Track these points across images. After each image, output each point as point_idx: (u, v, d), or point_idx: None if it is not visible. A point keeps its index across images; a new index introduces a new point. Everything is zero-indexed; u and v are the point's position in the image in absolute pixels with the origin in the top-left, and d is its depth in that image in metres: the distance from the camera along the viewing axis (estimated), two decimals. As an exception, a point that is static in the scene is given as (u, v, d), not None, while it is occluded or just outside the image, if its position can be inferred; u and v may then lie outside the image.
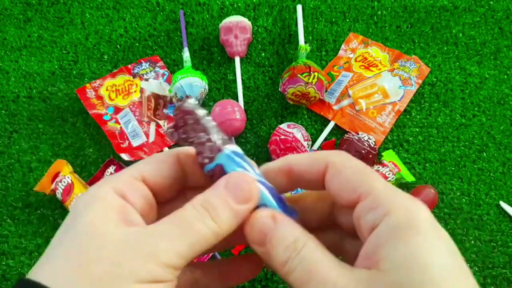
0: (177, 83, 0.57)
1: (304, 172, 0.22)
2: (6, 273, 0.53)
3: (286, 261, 0.19)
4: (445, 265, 0.17)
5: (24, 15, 0.69)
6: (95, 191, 0.20)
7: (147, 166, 0.22)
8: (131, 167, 0.22)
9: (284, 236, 0.19)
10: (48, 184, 0.54)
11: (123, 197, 0.20)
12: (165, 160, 0.22)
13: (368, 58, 0.64)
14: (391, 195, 0.18)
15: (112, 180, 0.20)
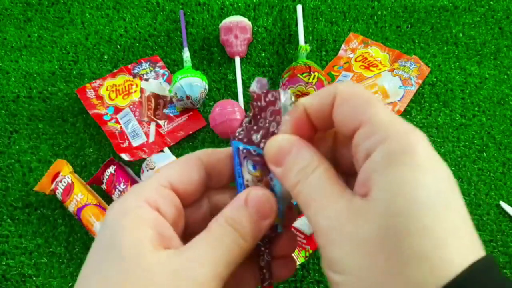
0: (177, 83, 0.57)
1: (318, 111, 0.20)
2: (6, 273, 0.53)
3: (296, 184, 0.19)
4: (436, 193, 0.16)
5: (24, 15, 0.69)
6: (128, 203, 0.20)
7: (173, 172, 0.22)
8: (157, 174, 0.22)
9: (297, 160, 0.20)
10: (48, 184, 0.54)
11: (157, 209, 0.20)
12: (189, 164, 0.22)
13: (368, 58, 0.64)
14: (390, 123, 0.17)
15: (143, 190, 0.20)
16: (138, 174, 0.57)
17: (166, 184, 0.21)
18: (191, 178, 0.22)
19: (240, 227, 0.20)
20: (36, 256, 0.53)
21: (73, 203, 0.52)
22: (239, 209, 0.20)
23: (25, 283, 0.52)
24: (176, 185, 0.21)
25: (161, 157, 0.54)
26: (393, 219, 0.16)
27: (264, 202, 0.21)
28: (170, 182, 0.21)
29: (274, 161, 0.20)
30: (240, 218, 0.20)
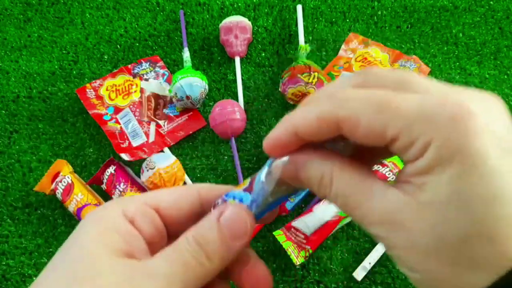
0: (177, 83, 0.57)
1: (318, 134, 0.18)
2: (6, 273, 0.53)
3: (326, 196, 0.18)
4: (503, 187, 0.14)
5: (24, 15, 0.69)
6: (104, 211, 0.19)
7: (163, 196, 0.21)
8: (149, 193, 0.21)
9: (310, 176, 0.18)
10: (48, 184, 0.54)
11: (131, 221, 0.19)
12: (184, 194, 0.21)
13: (368, 58, 0.64)
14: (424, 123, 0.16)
15: (124, 202, 0.20)
16: (138, 174, 0.57)
17: (152, 204, 0.20)
18: (179, 206, 0.21)
19: (207, 245, 0.19)
20: (36, 256, 0.53)
21: (73, 203, 0.52)
22: (210, 226, 0.19)
23: (25, 283, 0.52)
24: (162, 208, 0.21)
25: (161, 157, 0.54)
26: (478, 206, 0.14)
27: (239, 222, 0.19)
28: (156, 204, 0.21)
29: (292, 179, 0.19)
30: (209, 235, 0.19)
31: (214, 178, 0.58)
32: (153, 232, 0.20)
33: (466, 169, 0.14)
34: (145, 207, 0.20)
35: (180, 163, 0.56)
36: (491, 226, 0.14)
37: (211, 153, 0.59)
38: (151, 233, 0.20)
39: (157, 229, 0.20)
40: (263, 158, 0.59)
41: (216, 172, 0.58)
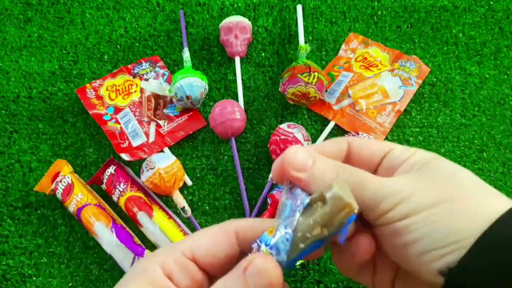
0: (177, 83, 0.57)
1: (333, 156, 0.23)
2: (6, 273, 0.53)
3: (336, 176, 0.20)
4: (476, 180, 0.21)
5: (24, 15, 0.69)
6: (144, 265, 0.20)
7: (200, 243, 0.21)
8: (183, 241, 0.21)
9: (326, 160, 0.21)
10: (48, 184, 0.54)
11: (169, 276, 0.20)
12: (220, 237, 0.21)
13: (368, 58, 0.64)
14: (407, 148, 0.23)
15: (163, 255, 0.20)
16: (138, 174, 0.57)
17: (188, 254, 0.20)
18: (215, 252, 0.21)
19: None
20: (36, 256, 0.53)
21: (73, 203, 0.52)
22: (236, 279, 0.19)
23: (25, 283, 0.52)
24: (199, 257, 0.21)
25: (161, 157, 0.54)
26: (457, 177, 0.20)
27: (267, 274, 0.19)
28: (192, 253, 0.21)
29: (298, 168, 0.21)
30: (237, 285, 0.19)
31: (214, 178, 0.58)
32: (191, 284, 0.20)
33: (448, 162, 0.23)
34: (182, 259, 0.20)
35: (180, 163, 0.56)
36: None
37: (211, 153, 0.59)
38: (189, 285, 0.20)
39: (194, 281, 0.20)
40: (263, 158, 0.59)
41: (216, 172, 0.58)
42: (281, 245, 0.19)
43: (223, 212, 0.56)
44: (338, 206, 0.19)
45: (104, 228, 0.51)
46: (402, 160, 0.22)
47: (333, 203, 0.19)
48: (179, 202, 0.54)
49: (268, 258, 0.19)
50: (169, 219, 0.53)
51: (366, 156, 0.23)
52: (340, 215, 0.19)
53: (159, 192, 0.54)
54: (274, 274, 0.19)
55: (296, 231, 0.19)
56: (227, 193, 0.57)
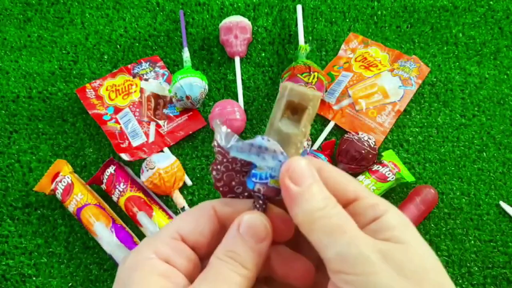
0: (177, 83, 0.57)
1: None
2: (6, 273, 0.53)
3: (323, 208, 0.20)
4: (434, 257, 0.20)
5: (24, 15, 0.69)
6: (139, 257, 0.20)
7: (184, 224, 0.22)
8: (168, 226, 0.22)
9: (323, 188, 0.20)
10: (48, 184, 0.54)
11: (167, 261, 0.20)
12: (200, 215, 0.22)
13: (368, 58, 0.64)
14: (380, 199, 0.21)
15: (153, 243, 0.21)
16: (138, 174, 0.57)
17: (176, 236, 0.21)
18: (201, 230, 0.22)
19: (238, 256, 0.20)
20: (36, 256, 0.53)
21: (73, 203, 0.52)
22: (233, 238, 0.20)
23: (25, 283, 0.52)
24: (186, 237, 0.21)
25: (161, 157, 0.54)
26: (424, 260, 0.19)
27: (257, 226, 0.20)
28: (180, 234, 0.21)
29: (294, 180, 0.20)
30: (236, 247, 0.20)
31: (214, 178, 0.58)
32: (187, 263, 0.21)
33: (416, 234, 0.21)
34: (174, 242, 0.21)
35: (180, 163, 0.56)
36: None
37: (211, 153, 0.59)
38: (187, 267, 0.21)
39: (189, 260, 0.21)
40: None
41: (216, 172, 0.58)
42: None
43: (223, 212, 0.56)
44: (319, 101, 0.22)
45: (104, 228, 0.51)
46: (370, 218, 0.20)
47: (317, 102, 0.22)
48: (179, 202, 0.54)
49: (254, 212, 0.21)
50: (169, 219, 0.53)
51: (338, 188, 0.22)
52: (317, 109, 0.22)
53: (159, 192, 0.54)
54: (266, 221, 0.21)
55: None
56: (227, 193, 0.57)
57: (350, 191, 0.21)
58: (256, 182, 0.21)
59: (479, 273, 0.53)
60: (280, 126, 0.21)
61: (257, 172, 0.21)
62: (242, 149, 0.21)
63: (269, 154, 0.21)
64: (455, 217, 0.55)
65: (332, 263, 0.19)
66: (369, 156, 0.54)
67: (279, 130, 0.21)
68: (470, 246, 0.54)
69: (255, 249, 0.20)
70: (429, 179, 0.58)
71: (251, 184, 0.21)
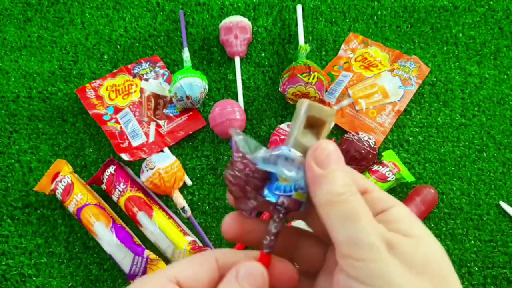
0: (177, 83, 0.57)
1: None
2: (6, 273, 0.53)
3: (344, 193, 0.20)
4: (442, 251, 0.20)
5: (24, 15, 0.69)
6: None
7: (182, 268, 0.22)
8: (169, 267, 0.22)
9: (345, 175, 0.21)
10: (48, 184, 0.54)
11: None
12: (200, 262, 0.22)
13: (368, 58, 0.64)
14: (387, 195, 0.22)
15: (147, 283, 0.21)
16: (138, 174, 0.57)
17: (172, 279, 0.21)
18: (198, 277, 0.22)
19: None
20: (36, 256, 0.53)
21: (73, 203, 0.52)
22: (229, 284, 0.21)
23: (25, 283, 0.52)
24: (183, 282, 0.21)
25: (161, 157, 0.54)
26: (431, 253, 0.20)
27: (254, 273, 0.21)
28: (176, 278, 0.21)
29: (319, 162, 0.21)
30: None
31: (214, 178, 0.58)
32: None
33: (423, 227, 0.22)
34: (167, 284, 0.21)
35: (180, 163, 0.56)
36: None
37: (211, 153, 0.59)
38: None
39: None
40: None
41: (216, 172, 0.58)
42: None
43: (223, 212, 0.56)
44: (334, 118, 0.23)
45: (104, 228, 0.51)
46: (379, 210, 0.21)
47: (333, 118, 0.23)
48: (179, 202, 0.54)
49: (253, 263, 0.21)
50: (169, 219, 0.53)
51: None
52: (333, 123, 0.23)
53: (159, 192, 0.54)
54: (264, 271, 0.21)
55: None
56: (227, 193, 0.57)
57: (361, 184, 0.22)
58: (280, 195, 0.21)
59: (479, 273, 0.53)
60: (301, 140, 0.22)
61: (281, 185, 0.21)
62: (269, 161, 0.21)
63: (295, 166, 0.21)
64: (455, 217, 0.55)
65: (342, 247, 0.19)
66: (369, 156, 0.54)
67: (300, 143, 0.22)
68: (470, 246, 0.54)
69: None
70: (429, 179, 0.58)
71: (274, 197, 0.21)
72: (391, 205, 0.21)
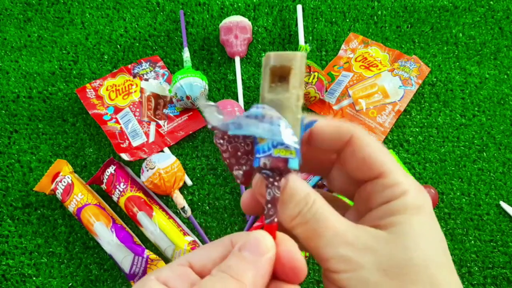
0: (177, 83, 0.57)
1: (326, 140, 0.22)
2: (6, 273, 0.53)
3: (297, 215, 0.20)
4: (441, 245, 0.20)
5: (24, 15, 0.69)
6: (141, 282, 0.20)
7: (196, 252, 0.22)
8: (184, 255, 0.22)
9: (295, 192, 0.20)
10: (48, 184, 0.54)
11: (166, 283, 0.20)
12: (216, 245, 0.22)
13: (368, 58, 0.64)
14: (407, 179, 0.21)
15: (157, 270, 0.21)
16: (138, 174, 0.57)
17: (185, 263, 0.21)
18: (210, 256, 0.21)
19: (233, 271, 0.19)
20: (36, 256, 0.53)
21: (73, 203, 0.52)
22: (231, 255, 0.20)
23: (25, 283, 0.52)
24: (195, 264, 0.21)
25: (161, 157, 0.54)
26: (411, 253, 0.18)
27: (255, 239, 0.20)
28: (189, 262, 0.21)
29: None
30: (232, 261, 0.19)
31: (214, 178, 0.58)
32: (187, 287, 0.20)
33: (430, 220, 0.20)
34: (178, 267, 0.21)
35: (180, 163, 0.56)
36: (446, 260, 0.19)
37: (211, 153, 0.59)
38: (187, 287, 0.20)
39: (192, 284, 0.20)
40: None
41: (216, 172, 0.58)
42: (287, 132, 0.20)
43: (223, 212, 0.56)
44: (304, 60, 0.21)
45: (104, 228, 0.51)
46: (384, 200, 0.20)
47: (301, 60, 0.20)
48: (179, 202, 0.54)
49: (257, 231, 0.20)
50: (169, 219, 0.53)
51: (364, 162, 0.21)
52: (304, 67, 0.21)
53: (159, 192, 0.54)
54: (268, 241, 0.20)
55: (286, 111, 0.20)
56: (227, 193, 0.57)
57: (376, 166, 0.21)
58: (260, 158, 0.19)
59: (479, 273, 0.53)
60: (269, 96, 0.20)
61: (259, 146, 0.20)
62: (239, 125, 0.19)
63: (266, 122, 0.19)
64: (455, 217, 0.55)
65: (320, 263, 0.19)
66: (369, 156, 0.54)
67: (269, 99, 0.20)
68: (470, 246, 0.54)
69: (252, 263, 0.19)
70: (429, 179, 0.58)
71: (256, 162, 0.20)
72: (398, 194, 0.20)
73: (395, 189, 0.20)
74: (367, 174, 0.21)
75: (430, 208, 0.20)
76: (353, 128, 0.22)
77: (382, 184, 0.20)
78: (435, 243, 0.19)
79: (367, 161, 0.21)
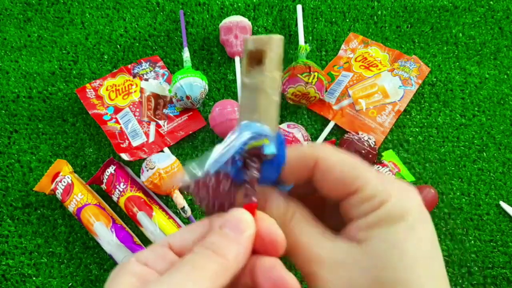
0: (177, 83, 0.58)
1: (292, 168, 0.22)
2: (6, 273, 0.53)
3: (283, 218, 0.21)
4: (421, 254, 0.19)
5: (24, 15, 0.69)
6: (121, 265, 0.21)
7: (176, 234, 0.22)
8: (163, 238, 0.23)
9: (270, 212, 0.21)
10: (48, 184, 0.54)
11: (145, 264, 0.20)
12: (195, 225, 0.22)
13: (368, 58, 0.64)
14: (385, 186, 0.20)
15: (138, 252, 0.21)
16: (138, 174, 0.57)
17: (165, 244, 0.22)
18: (188, 237, 0.22)
19: (214, 246, 0.19)
20: (36, 256, 0.53)
21: (73, 203, 0.52)
22: (212, 232, 0.20)
23: (25, 283, 0.52)
24: (173, 243, 0.22)
25: (161, 157, 0.54)
26: (386, 270, 0.18)
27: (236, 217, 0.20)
28: (168, 242, 0.22)
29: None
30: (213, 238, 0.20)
31: (214, 178, 0.58)
32: (167, 266, 0.21)
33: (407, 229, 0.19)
34: (157, 248, 0.21)
35: (180, 163, 0.56)
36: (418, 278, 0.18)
37: (211, 153, 0.59)
38: (165, 267, 0.21)
39: (171, 263, 0.21)
40: (263, 158, 0.59)
41: (216, 172, 0.58)
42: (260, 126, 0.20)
43: (223, 212, 0.56)
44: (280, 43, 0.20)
45: (104, 228, 0.51)
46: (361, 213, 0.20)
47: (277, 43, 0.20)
48: (179, 202, 0.54)
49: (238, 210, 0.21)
50: (169, 219, 0.53)
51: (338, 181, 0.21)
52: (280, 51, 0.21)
53: (159, 192, 0.54)
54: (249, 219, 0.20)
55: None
56: (227, 193, 0.57)
57: (350, 183, 0.20)
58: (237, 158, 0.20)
59: (479, 273, 0.53)
60: (246, 80, 0.20)
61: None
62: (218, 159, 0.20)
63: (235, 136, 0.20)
64: (455, 217, 0.55)
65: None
66: (369, 156, 0.54)
67: (246, 84, 0.20)
68: (470, 246, 0.54)
69: (234, 240, 0.19)
70: (429, 179, 0.58)
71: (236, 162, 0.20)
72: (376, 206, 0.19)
73: (372, 201, 0.19)
74: (344, 194, 0.20)
75: (417, 211, 0.19)
76: (316, 150, 0.21)
77: (360, 198, 0.20)
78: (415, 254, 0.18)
79: (340, 181, 0.20)
